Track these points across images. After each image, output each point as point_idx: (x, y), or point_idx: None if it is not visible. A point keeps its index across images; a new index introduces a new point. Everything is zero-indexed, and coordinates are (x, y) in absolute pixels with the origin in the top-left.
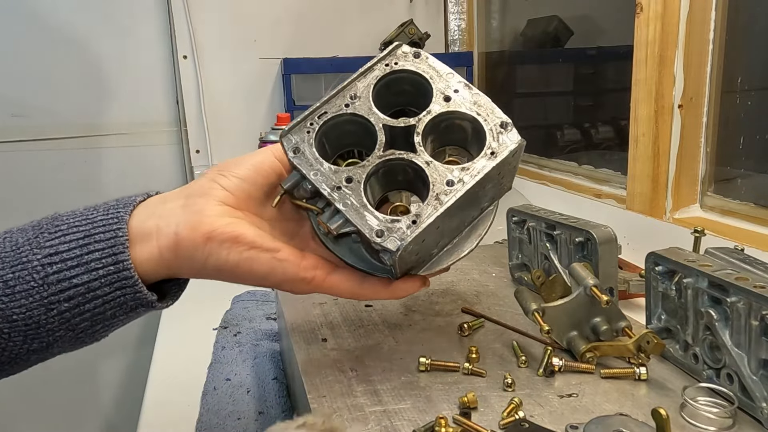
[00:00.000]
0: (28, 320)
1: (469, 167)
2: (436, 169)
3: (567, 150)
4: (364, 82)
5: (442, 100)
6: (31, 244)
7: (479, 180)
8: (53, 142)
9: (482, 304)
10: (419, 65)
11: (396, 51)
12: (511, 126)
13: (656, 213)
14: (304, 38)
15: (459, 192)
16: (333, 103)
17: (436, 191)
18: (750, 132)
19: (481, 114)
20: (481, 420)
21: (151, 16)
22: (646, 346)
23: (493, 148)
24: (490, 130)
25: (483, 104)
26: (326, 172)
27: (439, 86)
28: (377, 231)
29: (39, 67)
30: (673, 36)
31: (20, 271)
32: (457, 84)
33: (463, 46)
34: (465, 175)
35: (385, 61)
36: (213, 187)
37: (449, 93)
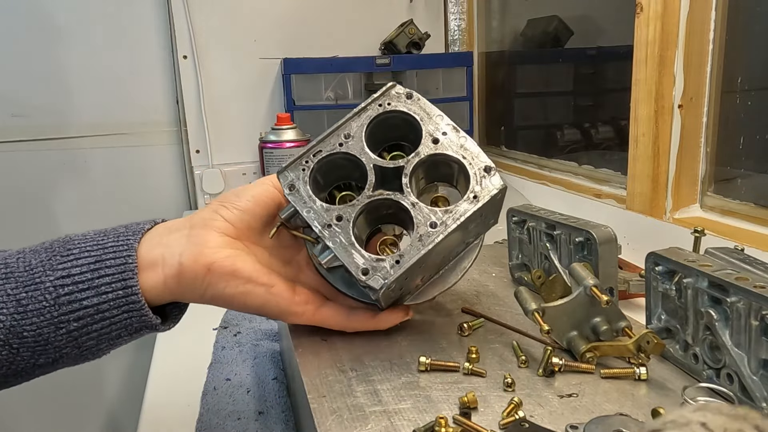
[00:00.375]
0: (38, 337)
1: (452, 210)
2: (420, 210)
3: (567, 150)
4: (357, 121)
5: (430, 142)
6: (45, 266)
7: (461, 223)
8: (53, 142)
9: (482, 304)
10: (411, 106)
11: (390, 92)
12: (494, 171)
13: (656, 213)
14: (304, 38)
15: (441, 234)
16: (328, 141)
17: (420, 232)
18: (750, 132)
19: (466, 158)
20: (481, 420)
21: (151, 16)
22: (646, 346)
23: (475, 192)
24: (474, 174)
25: (469, 148)
26: (318, 209)
27: (428, 128)
28: (363, 269)
29: (39, 67)
30: (673, 36)
31: (33, 291)
32: (446, 127)
33: (463, 46)
34: (448, 218)
35: (378, 102)
36: (215, 218)
37: (438, 135)
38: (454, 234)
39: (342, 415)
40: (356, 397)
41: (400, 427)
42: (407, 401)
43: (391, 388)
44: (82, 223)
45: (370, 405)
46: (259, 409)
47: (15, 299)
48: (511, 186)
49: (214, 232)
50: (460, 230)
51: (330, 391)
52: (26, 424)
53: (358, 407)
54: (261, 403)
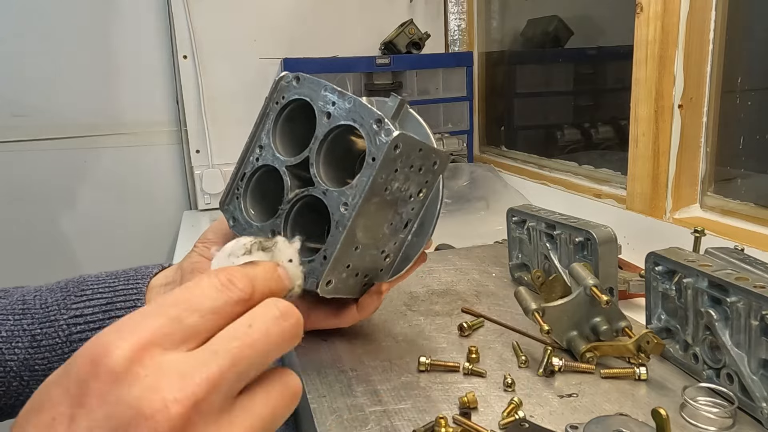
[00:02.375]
0: (48, 371)
1: (355, 184)
2: (332, 196)
3: (567, 150)
4: (264, 129)
5: (324, 119)
6: (59, 304)
7: (367, 193)
8: (53, 142)
9: (482, 304)
10: (300, 90)
11: (280, 84)
12: (384, 121)
13: (656, 213)
14: (304, 38)
15: (351, 212)
16: (248, 161)
17: (336, 219)
18: (750, 132)
19: (356, 120)
20: (481, 420)
21: (151, 16)
22: (646, 346)
23: (372, 153)
24: (367, 134)
25: (357, 108)
26: (256, 232)
27: (319, 105)
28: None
29: (39, 67)
30: (673, 36)
31: (48, 327)
32: (332, 96)
33: (463, 46)
34: (354, 193)
35: (275, 100)
36: (201, 261)
37: (329, 108)
38: (372, 204)
39: (342, 415)
40: (356, 397)
41: (400, 427)
42: (407, 401)
43: (391, 388)
44: (81, 223)
45: (370, 405)
46: None
47: (30, 334)
48: (511, 186)
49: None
50: (375, 198)
51: (330, 391)
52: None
53: (358, 407)
54: None
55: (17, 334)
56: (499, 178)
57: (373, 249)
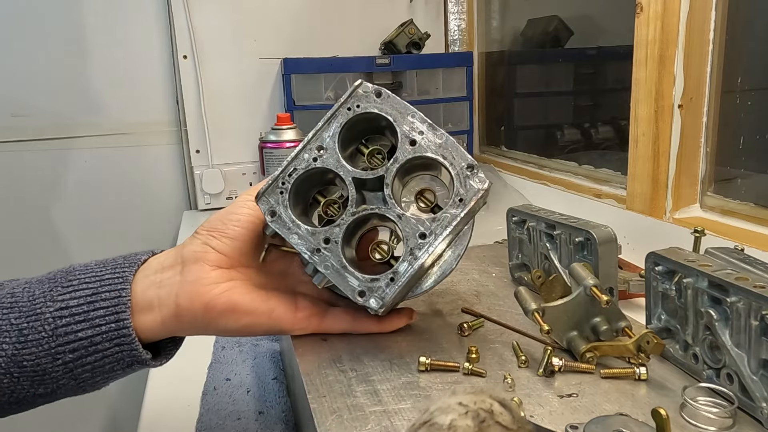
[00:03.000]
0: (36, 367)
1: (439, 218)
2: (408, 222)
3: (567, 150)
4: (328, 131)
5: (408, 145)
6: (46, 296)
7: (452, 230)
8: (53, 142)
9: (482, 304)
10: (382, 106)
11: (357, 92)
12: (477, 168)
13: (656, 213)
14: (304, 38)
15: (432, 246)
16: (301, 157)
17: (410, 245)
18: (750, 132)
19: (447, 158)
20: None
21: (151, 16)
22: (646, 346)
23: (461, 194)
24: (457, 175)
25: (449, 146)
26: (304, 234)
27: (404, 129)
28: (359, 291)
29: (39, 67)
30: (673, 36)
31: (34, 321)
32: (421, 125)
33: (463, 46)
34: (437, 227)
35: (347, 105)
36: (206, 251)
37: (414, 136)
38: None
39: (342, 415)
40: (356, 397)
41: (400, 427)
42: (407, 401)
43: (391, 388)
44: (82, 223)
45: (370, 405)
46: (259, 409)
47: (17, 328)
48: (511, 186)
49: (207, 267)
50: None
51: (330, 391)
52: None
53: (358, 407)
54: (261, 403)
55: (5, 328)
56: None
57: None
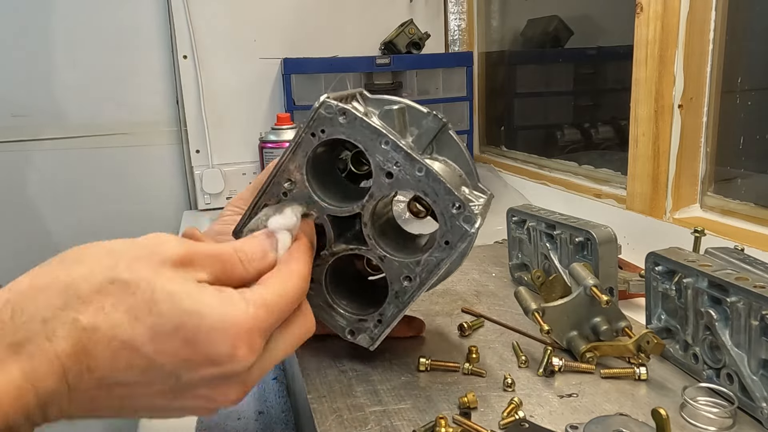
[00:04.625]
0: None
1: (424, 262)
2: (391, 265)
3: (567, 150)
4: (294, 161)
5: (383, 178)
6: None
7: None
8: (53, 142)
9: (482, 304)
10: (348, 131)
11: (319, 113)
12: (464, 207)
13: (656, 213)
14: (304, 38)
15: (419, 291)
16: (270, 192)
17: (395, 288)
18: (750, 132)
19: (429, 195)
20: (481, 420)
21: (151, 16)
22: (646, 346)
23: (447, 236)
24: (441, 215)
25: (430, 181)
26: None
27: (377, 159)
28: (348, 330)
29: (39, 67)
30: (673, 36)
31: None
32: (397, 155)
33: (463, 46)
34: (422, 271)
35: (310, 130)
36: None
37: (390, 168)
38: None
39: (342, 415)
40: (356, 397)
41: (400, 427)
42: (407, 401)
43: (391, 388)
44: (82, 223)
45: (370, 405)
46: (259, 409)
47: None
48: (511, 186)
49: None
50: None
51: (330, 391)
52: None
53: (358, 407)
54: (261, 403)
55: None
56: (499, 178)
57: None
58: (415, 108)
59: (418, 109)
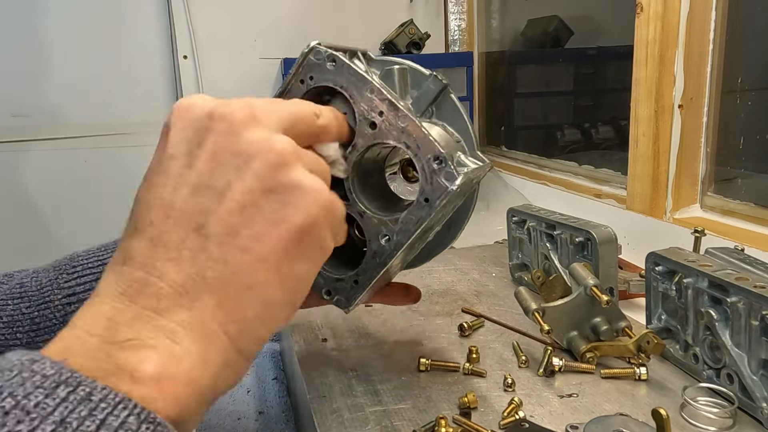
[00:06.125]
0: None
1: (403, 219)
2: (370, 222)
3: (567, 150)
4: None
5: (367, 127)
6: (53, 284)
7: (418, 234)
8: (53, 142)
9: (482, 304)
10: (336, 78)
11: (308, 59)
12: (445, 161)
13: (656, 213)
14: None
15: (395, 251)
16: None
17: (373, 247)
18: (750, 132)
19: (410, 146)
20: (481, 420)
21: (151, 16)
22: (646, 346)
23: (426, 193)
24: (422, 169)
25: (412, 132)
26: None
27: (361, 107)
28: (325, 290)
29: (39, 67)
30: (673, 36)
31: (44, 309)
32: (381, 104)
33: (463, 46)
34: (400, 230)
35: (299, 76)
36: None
37: (374, 117)
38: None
39: (342, 415)
40: (356, 397)
41: (400, 427)
42: (407, 401)
43: (391, 388)
44: (82, 223)
45: (370, 405)
46: (259, 409)
47: (29, 318)
48: (511, 186)
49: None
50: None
51: (330, 391)
52: None
53: (358, 407)
54: (261, 403)
55: (17, 318)
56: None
57: (399, 266)
58: (418, 70)
59: (420, 70)
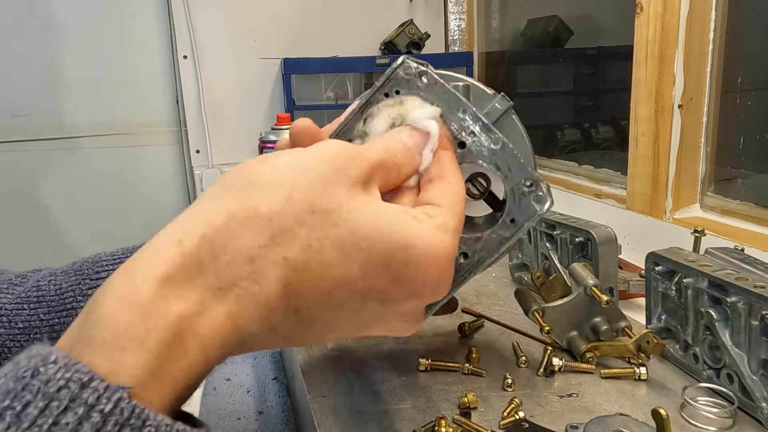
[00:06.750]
0: None
1: (486, 239)
2: None
3: (567, 150)
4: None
5: (456, 147)
6: (75, 291)
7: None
8: (53, 142)
9: (482, 304)
10: (426, 95)
11: (397, 73)
12: (537, 185)
13: (656, 213)
14: (304, 38)
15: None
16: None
17: None
18: (750, 132)
19: (501, 168)
20: (481, 420)
21: (151, 16)
22: (646, 346)
23: (513, 215)
24: (512, 191)
25: (506, 155)
26: None
27: (452, 127)
28: None
29: (39, 67)
30: (673, 36)
31: (66, 317)
32: (473, 125)
33: (463, 46)
34: (482, 249)
35: (384, 89)
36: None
37: (464, 137)
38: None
39: (342, 415)
40: (356, 397)
41: (400, 427)
42: (407, 401)
43: (391, 388)
44: (82, 223)
45: (370, 405)
46: (259, 409)
47: (48, 325)
48: None
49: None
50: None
51: (330, 391)
52: None
53: (358, 407)
54: (261, 403)
55: (35, 324)
56: None
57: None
58: (481, 88)
59: (483, 90)
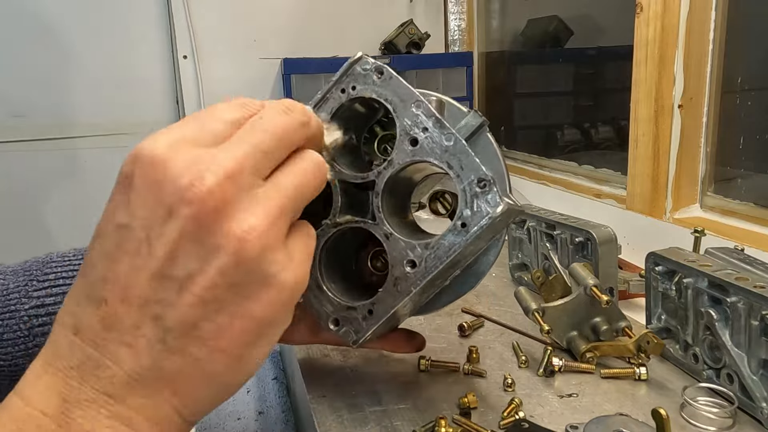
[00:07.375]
0: (13, 367)
1: (434, 245)
2: (396, 244)
3: (567, 150)
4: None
5: (407, 144)
6: (20, 292)
7: (447, 263)
8: (53, 142)
9: (482, 304)
10: (381, 90)
11: (354, 68)
12: (490, 185)
13: (656, 213)
14: (304, 38)
15: (422, 280)
16: None
17: (396, 274)
18: (750, 132)
19: (453, 167)
20: (481, 420)
21: (151, 16)
22: (646, 346)
23: (464, 218)
24: (464, 191)
25: (458, 152)
26: None
27: (404, 123)
28: (333, 319)
29: (39, 67)
30: (673, 36)
31: (9, 319)
32: (427, 120)
33: (463, 46)
34: (429, 256)
35: (341, 85)
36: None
37: (416, 133)
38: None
39: (342, 415)
40: (356, 397)
41: (400, 427)
42: (407, 401)
43: (391, 388)
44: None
45: (370, 405)
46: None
47: None
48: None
49: None
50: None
51: (330, 391)
52: None
53: (358, 407)
54: (261, 403)
55: None
56: None
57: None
58: (454, 105)
59: (457, 106)
